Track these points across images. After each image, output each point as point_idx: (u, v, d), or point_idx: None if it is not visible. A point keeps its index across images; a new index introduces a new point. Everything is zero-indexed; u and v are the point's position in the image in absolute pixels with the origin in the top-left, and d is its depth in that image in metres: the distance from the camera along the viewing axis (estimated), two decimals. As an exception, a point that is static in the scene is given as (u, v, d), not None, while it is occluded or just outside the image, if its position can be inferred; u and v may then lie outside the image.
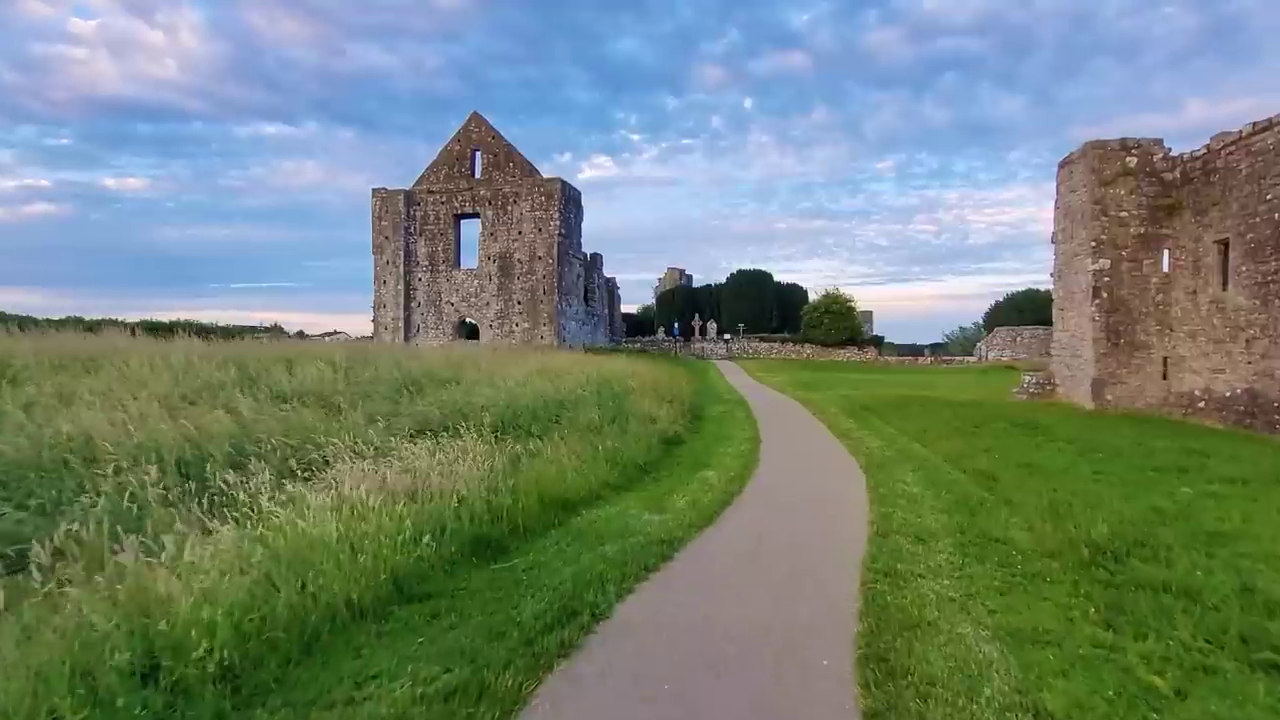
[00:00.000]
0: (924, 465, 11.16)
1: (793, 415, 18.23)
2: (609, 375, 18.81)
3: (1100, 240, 17.23)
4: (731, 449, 12.79)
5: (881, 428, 15.71)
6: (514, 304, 42.59)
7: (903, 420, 16.56)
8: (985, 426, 15.39)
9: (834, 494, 9.13)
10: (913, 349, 58.49)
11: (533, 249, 42.16)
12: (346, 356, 18.06)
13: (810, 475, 10.52)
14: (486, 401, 12.82)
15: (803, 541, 6.82)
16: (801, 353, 50.40)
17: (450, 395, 13.13)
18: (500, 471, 8.18)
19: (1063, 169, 18.94)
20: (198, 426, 7.71)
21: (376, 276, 44.43)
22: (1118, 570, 6.09)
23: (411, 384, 15.20)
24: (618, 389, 17.03)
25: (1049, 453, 12.41)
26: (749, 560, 6.19)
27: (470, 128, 44.49)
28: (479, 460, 8.36)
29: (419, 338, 43.67)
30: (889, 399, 20.55)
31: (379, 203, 44.24)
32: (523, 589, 5.34)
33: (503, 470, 8.45)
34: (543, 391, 14.55)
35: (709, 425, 16.23)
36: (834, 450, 12.80)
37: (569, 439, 11.40)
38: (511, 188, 42.67)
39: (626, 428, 13.09)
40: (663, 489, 9.49)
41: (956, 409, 17.90)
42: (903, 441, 13.76)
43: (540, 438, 11.42)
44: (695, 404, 19.34)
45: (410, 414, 11.85)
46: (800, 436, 14.64)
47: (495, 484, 7.84)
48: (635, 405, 15.37)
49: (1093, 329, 17.29)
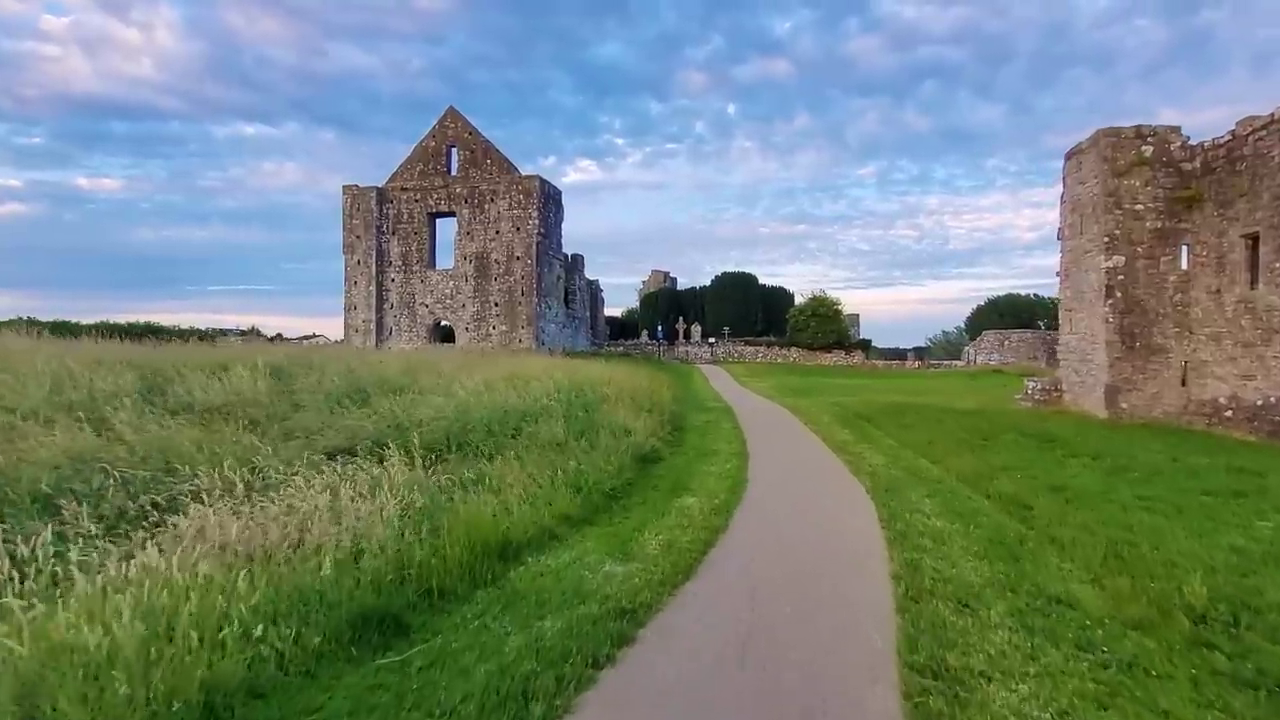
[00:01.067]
0: (939, 488, 9.52)
1: (783, 425, 16.58)
2: (583, 381, 17.08)
3: (1113, 235, 15.78)
4: (716, 467, 11.09)
5: (881, 440, 14.09)
6: (491, 306, 40.68)
7: (903, 431, 14.96)
8: (995, 439, 13.84)
9: (840, 529, 7.44)
10: (896, 353, 57.28)
11: (510, 249, 40.29)
12: (291, 361, 16.22)
13: (808, 503, 8.82)
14: (433, 413, 11.03)
15: (809, 612, 5.09)
16: (788, 356, 48.93)
17: (392, 406, 11.32)
18: (422, 509, 6.40)
19: (1070, 160, 17.51)
20: (20, 452, 5.85)
21: (347, 277, 42.29)
22: (1236, 651, 4.46)
23: (357, 392, 13.39)
24: (591, 397, 15.30)
25: (1074, 470, 10.85)
26: (737, 656, 4.44)
27: (446, 123, 42.56)
28: (397, 492, 6.58)
29: (392, 341, 41.60)
30: (884, 406, 18.99)
31: (350, 200, 42.15)
32: (405, 710, 3.57)
33: (428, 506, 6.68)
34: (503, 401, 12.77)
35: (692, 438, 14.52)
36: (832, 468, 11.14)
37: (526, 459, 9.65)
38: (489, 185, 40.80)
39: (596, 443, 11.35)
40: (633, 523, 7.75)
41: (959, 418, 16.36)
42: (908, 457, 12.14)
43: (491, 458, 9.65)
44: (677, 413, 17.63)
45: (339, 429, 10.02)
46: (793, 451, 12.97)
47: (414, 526, 6.07)
48: (609, 416, 13.63)
49: (1105, 331, 15.82)
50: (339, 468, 7.64)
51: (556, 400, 13.91)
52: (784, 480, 10.22)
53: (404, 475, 7.57)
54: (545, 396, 13.81)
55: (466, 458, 9.54)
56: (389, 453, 8.13)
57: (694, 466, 11.23)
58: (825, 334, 47.96)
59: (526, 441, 10.58)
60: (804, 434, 15.06)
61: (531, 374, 17.51)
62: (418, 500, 6.86)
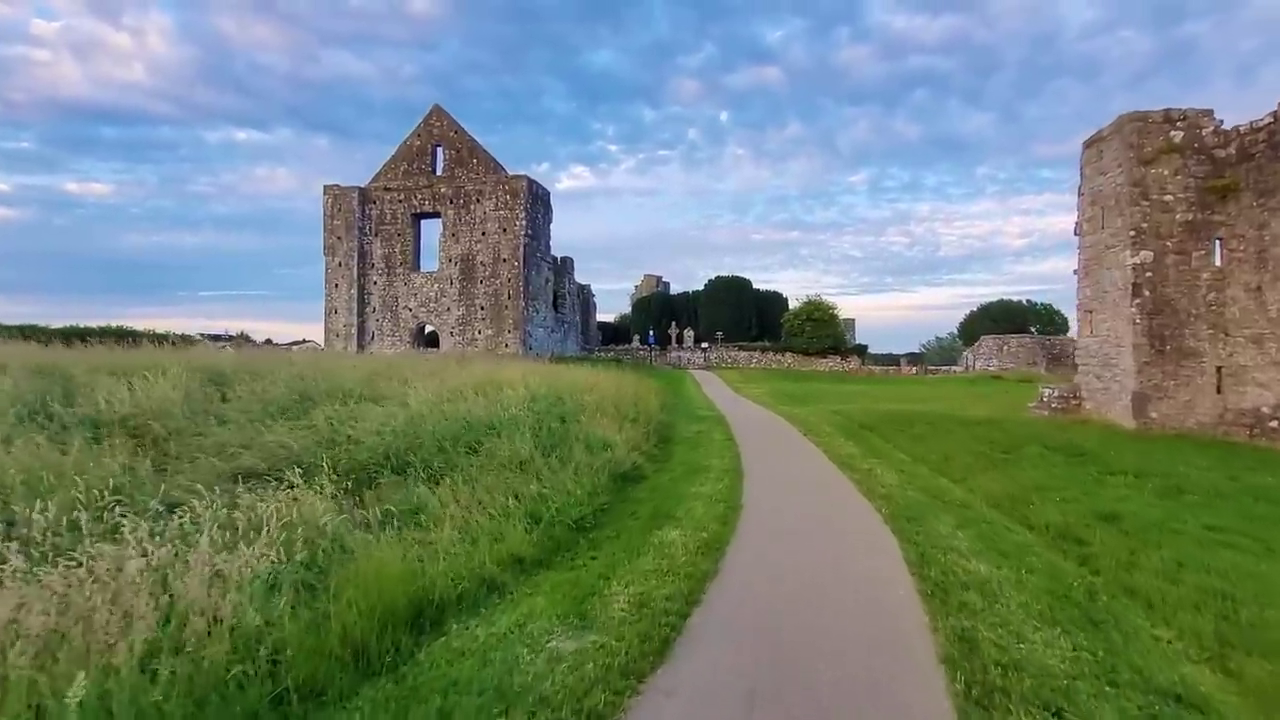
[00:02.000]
0: (968, 516, 7.98)
1: (780, 437, 15.03)
2: (564, 389, 15.52)
3: (1140, 229, 14.34)
4: (706, 488, 9.51)
5: (890, 454, 12.56)
6: (477, 310, 39.07)
7: (914, 443, 13.44)
8: (1017, 452, 12.33)
9: (859, 577, 5.88)
10: (889, 358, 55.99)
11: (497, 251, 38.72)
12: (241, 367, 14.61)
13: (815, 536, 7.26)
14: (379, 426, 9.43)
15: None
16: (782, 362, 47.46)
17: (331, 419, 9.72)
18: (307, 560, 4.81)
19: (1090, 148, 16.09)
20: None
21: (328, 280, 40.62)
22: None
23: (301, 402, 11.80)
24: (569, 406, 13.74)
25: (1119, 492, 9.33)
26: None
27: (431, 122, 41.04)
28: (292, 533, 4.98)
29: (374, 345, 39.92)
30: (888, 415, 17.47)
31: (331, 200, 40.52)
32: None
33: (327, 552, 5.09)
34: (466, 411, 11.20)
35: (680, 452, 12.95)
36: (839, 488, 9.58)
37: (480, 481, 8.07)
38: (474, 185, 39.26)
39: (569, 460, 9.78)
40: (600, 566, 6.18)
41: (972, 429, 14.85)
42: (923, 475, 10.61)
43: (438, 480, 8.06)
44: (665, 423, 16.07)
45: (261, 447, 8.41)
46: (793, 467, 11.41)
47: (294, 584, 4.48)
48: (587, 428, 12.06)
49: (1132, 333, 14.36)
50: (240, 496, 6.05)
51: (529, 410, 12.35)
52: (784, 505, 8.65)
53: (319, 506, 6.00)
54: (516, 406, 12.23)
55: (408, 480, 7.95)
56: (309, 476, 6.54)
57: (681, 487, 9.66)
58: (821, 339, 46.52)
59: (484, 460, 9.00)
60: (804, 447, 13.52)
61: (507, 380, 15.96)
62: (321, 543, 5.28)
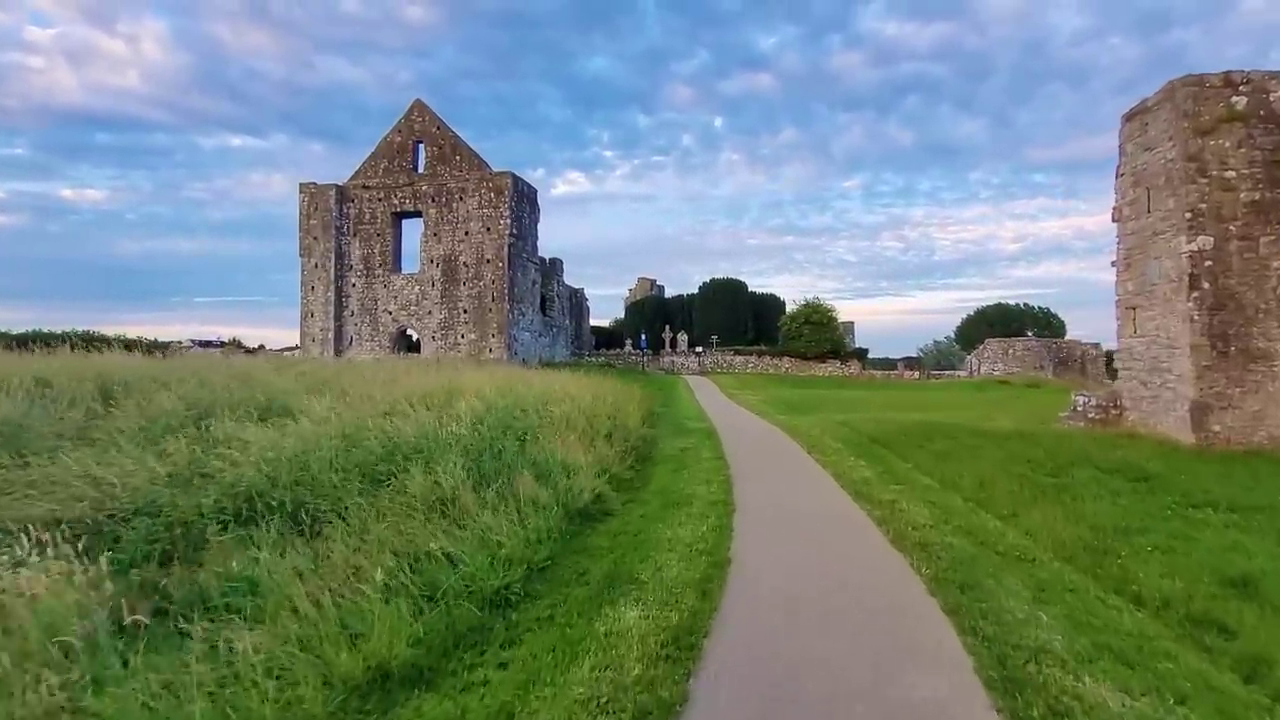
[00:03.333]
0: (1041, 578, 5.73)
1: (779, 455, 12.78)
2: (534, 399, 13.35)
3: (1197, 211, 12.17)
4: (686, 530, 7.27)
5: (912, 477, 10.33)
6: (459, 313, 36.85)
7: (937, 463, 11.21)
8: (1066, 475, 10.11)
9: (915, 707, 3.65)
10: (886, 362, 53.86)
11: (480, 251, 36.53)
12: (165, 373, 12.39)
13: (834, 625, 4.98)
14: (258, 452, 7.18)
15: None
16: (780, 366, 45.26)
17: (194, 444, 7.47)
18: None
19: (1131, 121, 13.93)
20: None
21: (304, 283, 38.37)
22: None
23: (206, 417, 9.57)
24: (532, 422, 11.54)
25: (1225, 535, 7.10)
26: None
27: (413, 117, 38.90)
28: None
29: (352, 350, 37.66)
30: (902, 427, 15.23)
31: (307, 199, 38.31)
32: None
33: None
34: (395, 431, 8.97)
35: (660, 475, 10.70)
36: (858, 530, 7.34)
37: (371, 533, 5.84)
38: (457, 183, 37.09)
39: (510, 494, 7.57)
40: (511, 684, 3.94)
41: (1003, 444, 12.63)
42: (959, 508, 8.38)
43: (311, 531, 5.82)
44: (647, 438, 13.84)
45: (65, 486, 6.14)
46: (797, 497, 9.15)
47: None
48: (547, 449, 9.85)
49: (1189, 332, 12.17)
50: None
51: (478, 428, 10.15)
52: (786, 558, 6.41)
53: (76, 583, 3.78)
54: (461, 422, 10.01)
55: (269, 533, 5.69)
56: (96, 536, 4.29)
57: (654, 529, 7.41)
58: (819, 342, 44.33)
59: (390, 497, 6.75)
60: (807, 467, 11.28)
61: (467, 388, 13.75)
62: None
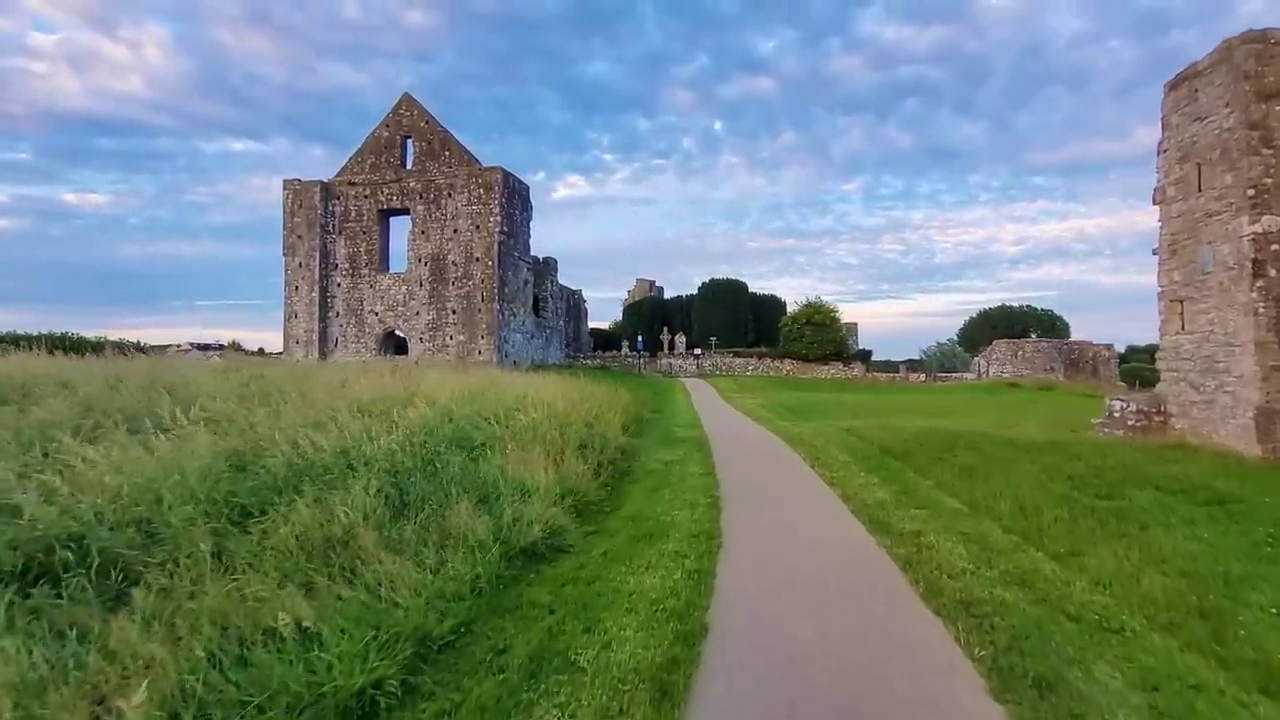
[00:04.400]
0: (1148, 665, 3.99)
1: (778, 468, 11.04)
2: (504, 405, 11.74)
3: (1262, 186, 10.45)
4: (655, 579, 5.56)
5: (937, 499, 8.58)
6: (448, 314, 35.21)
7: (963, 480, 9.46)
8: (1121, 497, 8.37)
9: None
10: (888, 365, 52.10)
11: (469, 249, 34.91)
12: (49, 377, 10.80)
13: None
14: (105, 478, 5.50)
15: None
16: (781, 369, 43.52)
17: (25, 468, 5.80)
18: None
19: (1177, 90, 12.20)
20: None
21: (288, 283, 36.78)
22: None
23: (98, 427, 7.96)
24: (491, 433, 9.91)
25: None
26: None
27: (401, 111, 37.35)
28: None
29: (338, 353, 36.04)
30: (916, 435, 13.48)
31: (291, 196, 36.75)
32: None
33: None
34: (308, 445, 7.31)
35: (636, 496, 8.98)
36: (879, 578, 5.60)
37: (210, 593, 4.16)
38: (446, 179, 35.50)
39: (437, 529, 5.91)
40: None
41: (1036, 457, 10.89)
42: (1002, 543, 6.65)
43: (114, 600, 4.14)
44: (628, 449, 12.13)
45: None
46: (798, 528, 7.41)
47: None
48: (499, 467, 8.21)
49: (1254, 327, 10.43)
50: None
51: (421, 440, 8.51)
52: (786, 624, 4.68)
53: None
54: (394, 433, 8.36)
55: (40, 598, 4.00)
56: None
57: (614, 574, 5.71)
58: (822, 344, 42.57)
59: (261, 539, 5.06)
60: (811, 486, 9.55)
61: (426, 393, 12.15)
62: None
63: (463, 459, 8.34)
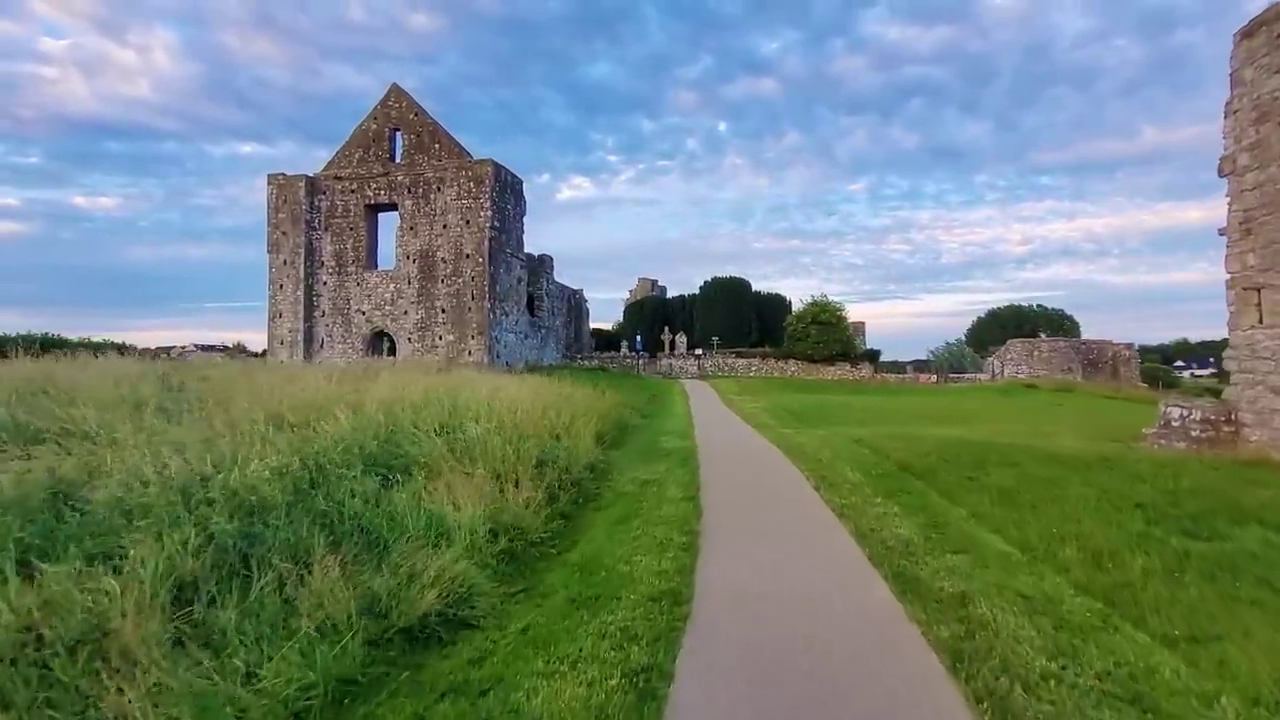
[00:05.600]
0: None
1: (777, 491, 9.11)
2: (456, 415, 9.98)
3: (1369, 148, 8.45)
4: (579, 686, 3.68)
5: (974, 535, 6.64)
6: (437, 312, 33.48)
7: (1004, 508, 7.51)
8: (1220, 537, 6.41)
9: None
10: (894, 366, 50.00)
11: (459, 245, 33.17)
12: None
13: None
14: None
15: None
16: (785, 370, 41.54)
17: None
18: None
19: (1252, 38, 10.20)
20: None
21: (272, 281, 35.16)
22: None
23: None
24: (426, 450, 8.11)
25: None
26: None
27: (389, 103, 35.69)
28: None
29: (323, 354, 34.38)
30: (937, 448, 11.53)
31: (275, 191, 35.15)
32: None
33: None
34: (137, 471, 5.50)
35: (595, 531, 7.10)
36: (919, 686, 3.72)
37: None
38: (435, 172, 33.78)
39: (274, 605, 4.05)
40: None
41: (1085, 474, 8.93)
42: (1080, 615, 4.69)
43: None
44: (600, 465, 10.25)
45: None
46: (797, 583, 5.48)
47: None
48: (412, 500, 6.38)
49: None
50: None
51: (315, 463, 6.69)
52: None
53: None
54: (275, 457, 6.53)
55: None
56: None
57: (523, 674, 3.82)
58: (828, 344, 40.54)
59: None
60: (816, 517, 7.62)
61: (383, 397, 10.44)
62: None
63: (373, 487, 6.53)
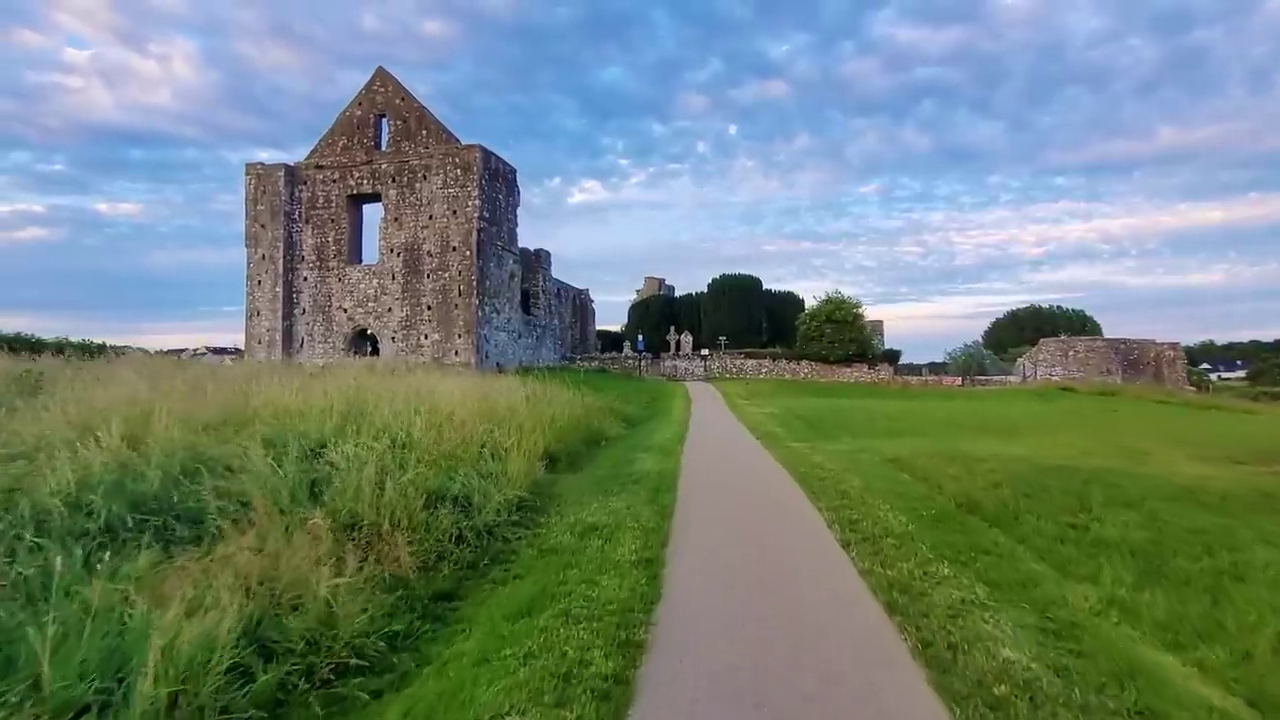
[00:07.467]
0: None
1: (781, 545, 6.13)
2: (343, 430, 7.13)
3: None
4: None
5: (1134, 655, 3.68)
6: (422, 310, 30.81)
7: (1153, 585, 4.55)
8: None
9: None
10: (910, 368, 46.63)
11: (445, 238, 30.49)
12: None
13: None
14: None
15: None
16: (798, 371, 38.41)
17: None
18: None
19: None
20: None
21: (250, 277, 32.69)
22: None
23: None
24: (241, 491, 5.16)
25: None
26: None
27: (375, 88, 33.18)
28: None
29: (303, 354, 31.82)
30: (1004, 473, 8.50)
31: (254, 181, 32.73)
32: None
33: None
34: None
35: (472, 636, 4.17)
36: None
37: None
38: (421, 160, 31.16)
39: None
40: None
41: (1249, 521, 5.90)
42: None
43: None
44: (536, 498, 7.35)
45: None
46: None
47: None
48: (120, 602, 3.39)
49: None
50: None
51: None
52: None
53: None
54: None
55: None
56: None
57: None
58: (843, 344, 37.37)
59: None
60: (851, 611, 4.66)
61: (278, 403, 7.61)
62: None
63: (74, 570, 3.70)
